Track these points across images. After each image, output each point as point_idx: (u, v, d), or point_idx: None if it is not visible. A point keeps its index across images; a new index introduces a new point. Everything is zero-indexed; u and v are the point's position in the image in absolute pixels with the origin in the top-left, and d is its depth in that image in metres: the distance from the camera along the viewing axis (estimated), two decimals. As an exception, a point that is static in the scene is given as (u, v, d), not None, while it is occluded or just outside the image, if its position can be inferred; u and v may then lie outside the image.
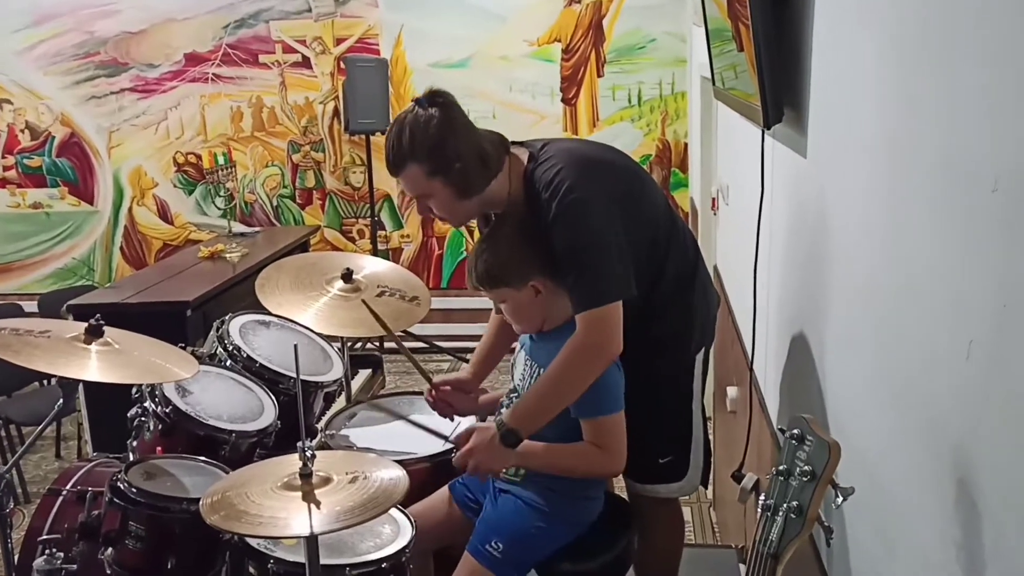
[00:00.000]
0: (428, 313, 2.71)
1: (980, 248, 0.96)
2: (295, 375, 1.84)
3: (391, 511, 2.03)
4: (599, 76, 5.84)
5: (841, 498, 1.14)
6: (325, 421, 2.59)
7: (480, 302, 2.36)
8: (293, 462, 1.73)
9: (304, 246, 5.29)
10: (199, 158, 6.18)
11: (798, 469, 1.16)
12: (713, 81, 2.81)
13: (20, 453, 2.30)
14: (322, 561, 1.72)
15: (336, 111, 6.08)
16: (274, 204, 6.29)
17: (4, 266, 6.48)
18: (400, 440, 2.43)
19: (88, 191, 6.36)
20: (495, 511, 2.15)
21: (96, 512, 2.11)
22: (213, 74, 6.11)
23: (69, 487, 2.28)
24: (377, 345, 5.82)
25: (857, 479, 1.35)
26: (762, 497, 1.21)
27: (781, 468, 1.19)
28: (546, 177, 2.01)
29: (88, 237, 6.43)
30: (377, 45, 5.96)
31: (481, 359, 2.45)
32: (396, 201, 6.17)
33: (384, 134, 5.63)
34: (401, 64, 5.95)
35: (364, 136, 5.81)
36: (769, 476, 1.21)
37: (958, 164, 1.02)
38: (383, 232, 6.19)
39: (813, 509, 1.14)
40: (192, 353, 2.42)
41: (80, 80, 6.20)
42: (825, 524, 1.18)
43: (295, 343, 1.94)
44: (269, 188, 6.27)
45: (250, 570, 1.96)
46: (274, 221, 6.28)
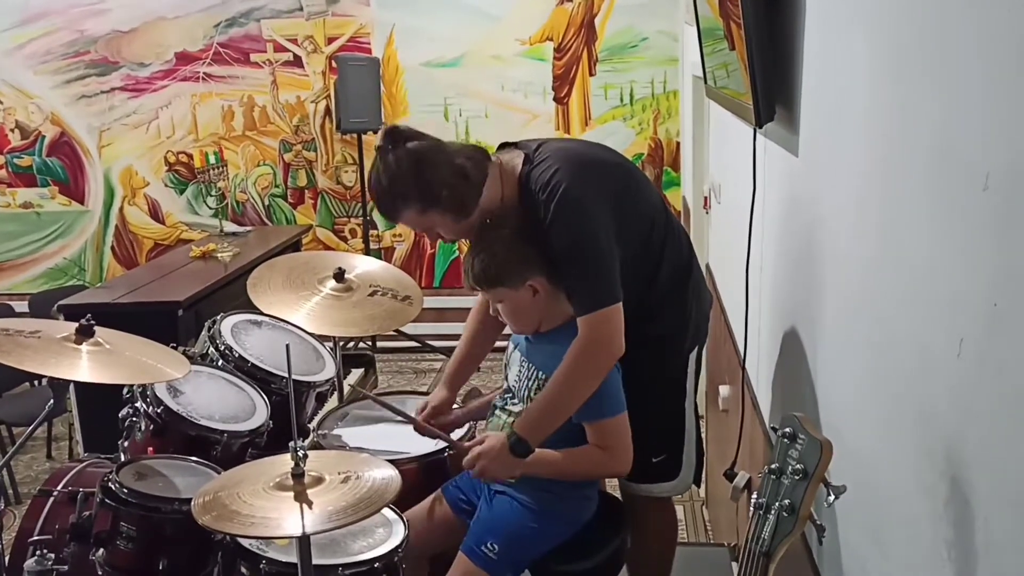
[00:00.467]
0: (421, 312, 2.70)
1: (971, 246, 0.96)
2: (287, 375, 1.83)
3: (384, 511, 2.02)
4: (591, 75, 5.84)
5: (833, 496, 1.14)
6: (317, 421, 2.58)
7: (473, 301, 2.35)
8: (285, 462, 1.73)
9: (296, 245, 5.28)
10: (190, 157, 6.16)
11: (790, 468, 1.16)
12: (705, 80, 2.82)
13: (11, 454, 2.29)
14: (314, 561, 1.72)
15: (328, 110, 6.07)
16: (266, 203, 6.27)
17: (-5, 266, 6.46)
18: (392, 440, 2.43)
19: (79, 191, 6.34)
20: (490, 512, 2.15)
21: (87, 513, 2.10)
22: (204, 73, 6.09)
23: (60, 488, 2.27)
24: (369, 344, 5.82)
25: (850, 477, 1.36)
26: (754, 496, 1.21)
27: (773, 467, 1.19)
28: (543, 178, 2.00)
29: (79, 237, 6.40)
30: (369, 44, 5.95)
31: (454, 372, 2.43)
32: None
33: (376, 133, 5.66)
34: (393, 63, 5.94)
35: (356, 135, 5.80)
36: (761, 475, 1.21)
37: (950, 163, 1.02)
38: (375, 231, 6.18)
39: (805, 507, 1.14)
40: (184, 353, 2.41)
41: (70, 79, 6.18)
42: (817, 523, 1.18)
43: (287, 343, 1.93)
44: (261, 187, 6.25)
45: (242, 570, 1.96)
46: (266, 220, 6.27)
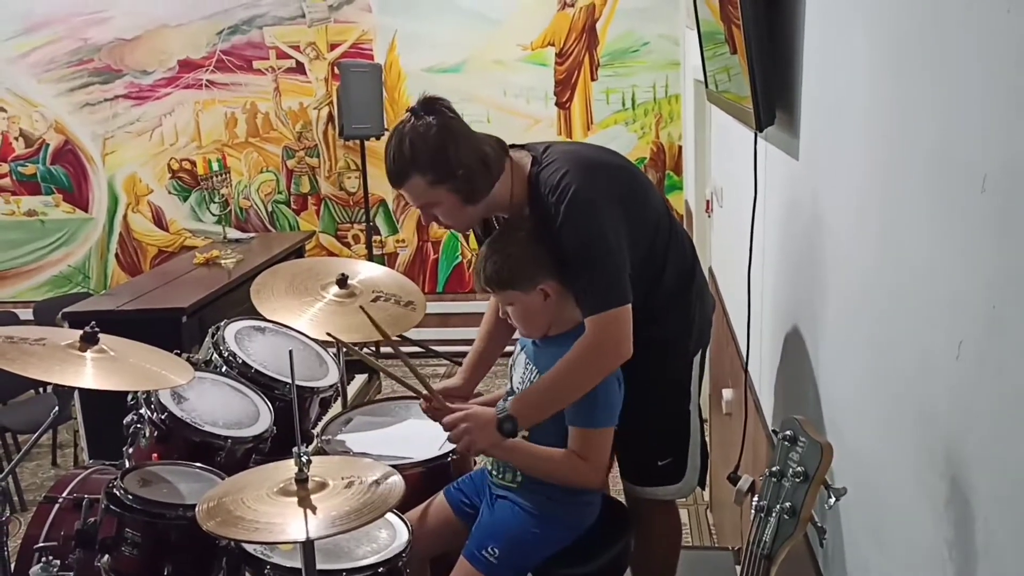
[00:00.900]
0: (424, 317, 2.71)
1: (970, 248, 0.96)
2: (290, 381, 1.84)
3: (387, 516, 2.03)
4: (593, 80, 5.85)
5: (834, 499, 1.15)
6: (321, 426, 2.59)
7: (476, 306, 2.36)
8: (289, 467, 1.73)
9: (299, 252, 5.29)
10: (194, 164, 6.17)
11: (791, 470, 1.17)
12: (706, 84, 2.82)
13: (16, 461, 2.30)
14: (318, 566, 1.73)
15: (330, 116, 6.08)
16: (269, 210, 6.28)
17: (-1, 274, 6.48)
18: (396, 445, 2.44)
19: (83, 198, 6.35)
20: (491, 516, 2.16)
21: (92, 519, 2.11)
22: (207, 80, 6.11)
23: (65, 495, 2.28)
24: (373, 350, 5.82)
25: (851, 478, 1.36)
26: (755, 498, 1.21)
27: (774, 469, 1.19)
28: (552, 180, 2.00)
29: (83, 244, 6.41)
30: (371, 50, 5.97)
31: (472, 366, 2.44)
32: (391, 206, 6.17)
33: (379, 139, 5.68)
34: (395, 69, 5.96)
35: (359, 141, 5.81)
36: (762, 477, 1.21)
37: (949, 165, 1.02)
38: (378, 237, 6.19)
39: (806, 510, 1.14)
40: (188, 360, 2.42)
41: (74, 87, 6.20)
42: (818, 525, 1.18)
43: (290, 349, 1.94)
44: (264, 194, 6.27)
45: (246, 576, 1.97)
46: (269, 227, 6.28)
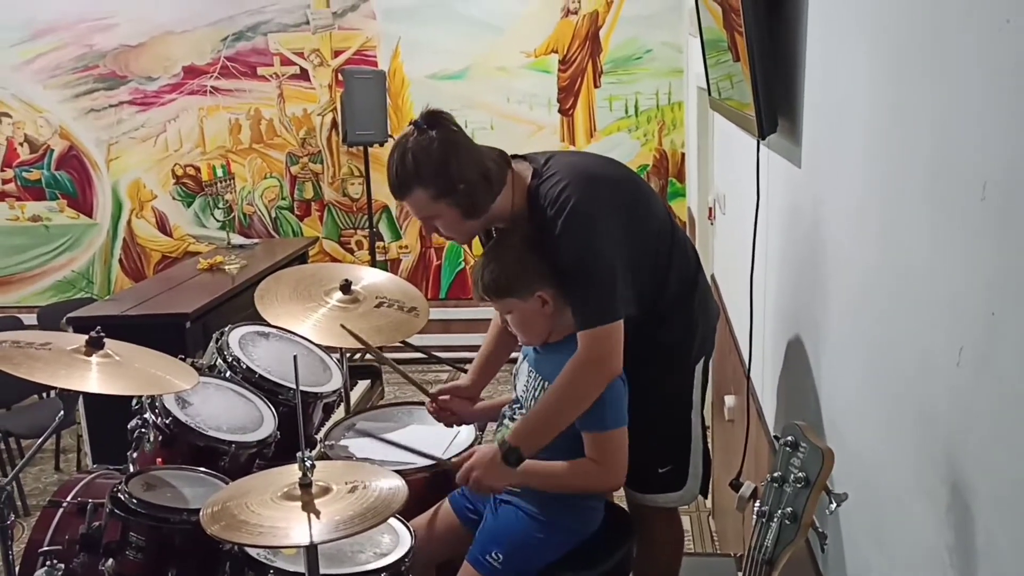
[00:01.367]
0: (427, 324, 2.72)
1: (970, 255, 0.97)
2: (294, 386, 1.85)
3: (390, 521, 2.04)
4: (596, 87, 5.87)
5: (835, 504, 1.15)
6: (324, 431, 2.59)
7: (478, 312, 2.37)
8: (293, 472, 1.74)
9: (303, 257, 5.30)
10: (198, 170, 6.19)
11: (792, 476, 1.17)
12: (709, 91, 2.83)
13: (20, 466, 2.30)
14: (322, 571, 1.73)
15: (334, 123, 6.10)
16: (273, 216, 6.30)
17: (3, 279, 6.48)
18: (399, 450, 2.44)
19: (87, 204, 6.38)
20: (495, 521, 2.16)
21: (97, 523, 2.11)
22: (211, 87, 6.13)
23: (69, 499, 2.28)
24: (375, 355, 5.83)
25: (853, 483, 1.36)
26: (756, 504, 1.22)
27: (775, 475, 1.20)
28: (551, 193, 2.01)
29: (87, 250, 6.44)
30: (375, 57, 5.99)
31: (480, 367, 2.45)
32: (394, 212, 6.19)
33: (382, 145, 5.70)
34: (399, 76, 5.98)
35: (362, 147, 5.83)
36: (764, 483, 1.22)
37: (949, 172, 1.03)
38: (381, 243, 6.21)
39: (807, 515, 1.15)
40: (192, 365, 2.43)
41: (79, 93, 6.23)
42: (819, 530, 1.19)
43: (294, 354, 1.95)
44: (268, 200, 6.28)
45: (250, 580, 1.97)
46: (273, 233, 6.30)
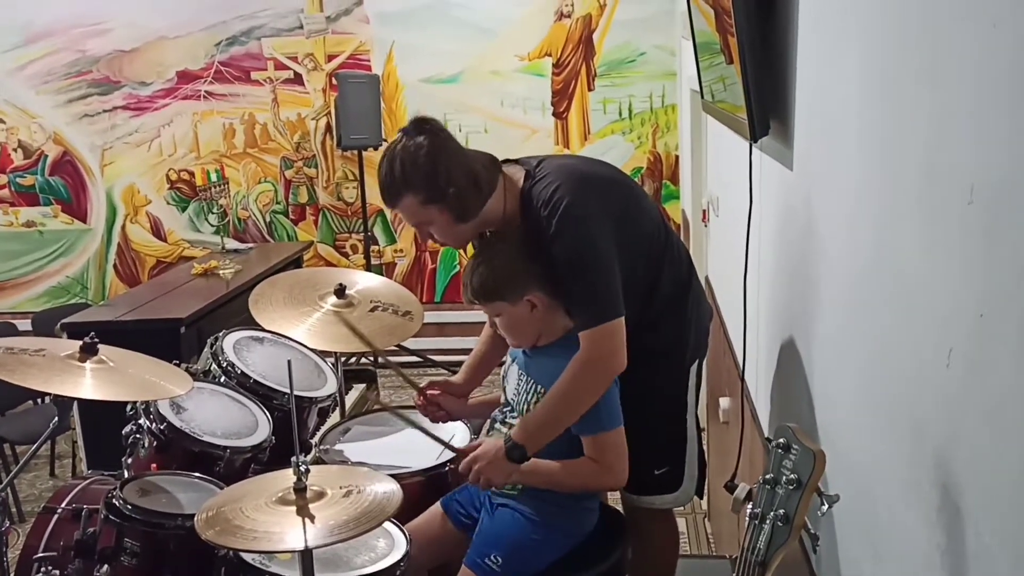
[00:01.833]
0: (422, 327, 2.72)
1: (959, 258, 0.98)
2: (289, 391, 1.85)
3: (385, 525, 2.04)
4: (590, 90, 5.87)
5: (826, 505, 1.16)
6: (319, 436, 2.59)
7: (473, 316, 2.37)
8: (287, 477, 1.74)
9: (297, 262, 5.30)
10: (192, 175, 6.19)
11: (784, 477, 1.18)
12: (702, 94, 2.84)
13: (15, 472, 2.30)
14: (317, 575, 1.73)
15: (328, 127, 6.10)
16: (267, 220, 6.30)
17: (-2, 284, 6.48)
18: (394, 454, 2.44)
19: (81, 209, 6.37)
20: (492, 524, 2.16)
21: (92, 529, 2.11)
22: (205, 91, 6.13)
23: (64, 505, 2.28)
24: (371, 360, 5.83)
25: (846, 486, 1.37)
26: (749, 505, 1.22)
27: (768, 477, 1.20)
28: (544, 195, 2.02)
29: (81, 255, 6.42)
30: (369, 61, 5.99)
31: (473, 367, 2.45)
32: (389, 216, 6.19)
33: (376, 149, 5.70)
34: (393, 80, 5.98)
35: (356, 152, 5.83)
36: (756, 485, 1.23)
37: (939, 175, 1.04)
38: (376, 247, 6.21)
39: (799, 517, 1.15)
40: (186, 370, 2.43)
41: (73, 98, 6.22)
42: (811, 532, 1.19)
43: (289, 359, 1.95)
44: (262, 204, 6.28)
45: (245, 585, 1.97)
46: (267, 237, 6.29)
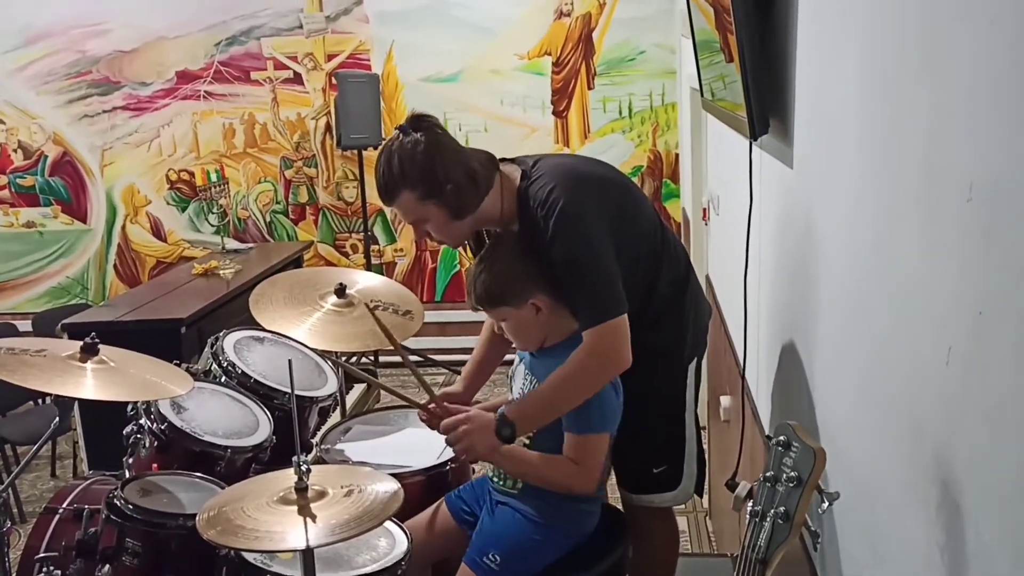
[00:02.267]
0: (423, 326, 2.72)
1: (958, 256, 0.98)
2: (290, 390, 1.85)
3: (387, 524, 2.04)
4: (590, 88, 5.87)
5: (827, 503, 1.16)
6: (320, 436, 2.60)
7: (474, 315, 2.37)
8: (289, 476, 1.74)
9: (298, 261, 5.30)
10: (192, 175, 6.19)
11: (784, 475, 1.18)
12: (702, 93, 2.84)
13: (16, 472, 2.31)
14: (318, 575, 1.73)
15: (328, 126, 6.10)
16: (267, 220, 6.30)
17: (-2, 285, 6.49)
18: (395, 454, 2.44)
19: (81, 209, 6.37)
20: (492, 523, 2.17)
21: (93, 529, 2.12)
22: (205, 91, 6.13)
23: (65, 505, 2.28)
24: (372, 359, 5.83)
25: (847, 483, 1.37)
26: (749, 503, 1.22)
27: (768, 474, 1.21)
28: (540, 195, 2.02)
29: (82, 255, 6.43)
30: (368, 60, 5.99)
31: (472, 373, 2.46)
32: (389, 216, 6.19)
33: (376, 149, 5.69)
34: (392, 79, 5.98)
35: (356, 151, 5.83)
36: (757, 483, 1.23)
37: (938, 174, 1.04)
38: (376, 246, 6.21)
39: (800, 514, 1.16)
40: (187, 370, 2.43)
41: (72, 99, 6.22)
42: (812, 529, 1.19)
43: (289, 358, 1.95)
44: (262, 204, 6.28)
45: (247, 585, 1.97)
46: (267, 237, 6.29)
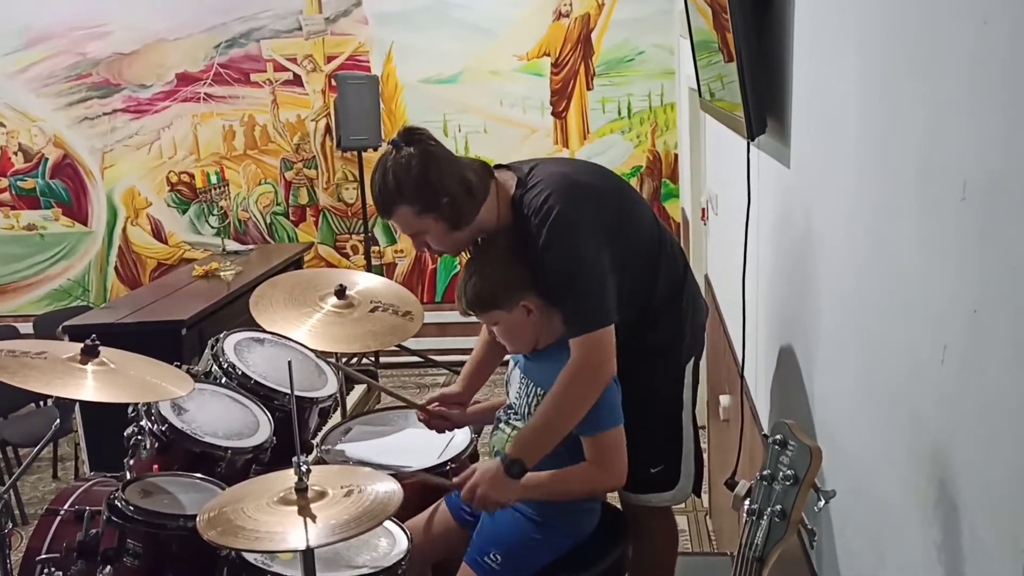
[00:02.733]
0: (423, 327, 2.73)
1: (953, 254, 0.98)
2: (290, 391, 1.85)
3: (387, 524, 2.05)
4: (589, 89, 5.88)
5: (823, 501, 1.17)
6: (320, 436, 2.60)
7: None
8: (289, 477, 1.75)
9: (298, 263, 5.31)
10: (192, 177, 6.20)
11: (781, 473, 1.18)
12: (700, 93, 2.84)
13: (18, 474, 2.31)
14: (318, 575, 1.74)
15: (328, 128, 6.11)
16: (267, 221, 6.31)
17: (-1, 288, 6.50)
18: (395, 454, 2.45)
19: (82, 212, 6.37)
20: (492, 523, 2.17)
21: (94, 531, 2.12)
22: (205, 93, 6.13)
23: (67, 507, 2.29)
24: (372, 360, 5.84)
25: (845, 483, 1.38)
26: (746, 502, 1.23)
27: (765, 473, 1.21)
28: (535, 203, 2.02)
29: (82, 258, 6.43)
30: (368, 62, 6.00)
31: (471, 374, 2.47)
32: (389, 217, 6.19)
33: (376, 150, 5.71)
34: (392, 80, 5.99)
35: (356, 152, 5.83)
36: (753, 481, 1.23)
37: (934, 172, 1.05)
38: (376, 248, 6.21)
39: (796, 512, 1.16)
40: (187, 371, 2.43)
41: (73, 101, 6.22)
42: (808, 527, 1.20)
43: (289, 360, 1.95)
44: (262, 206, 6.29)
45: (247, 586, 1.98)
46: (268, 238, 6.30)
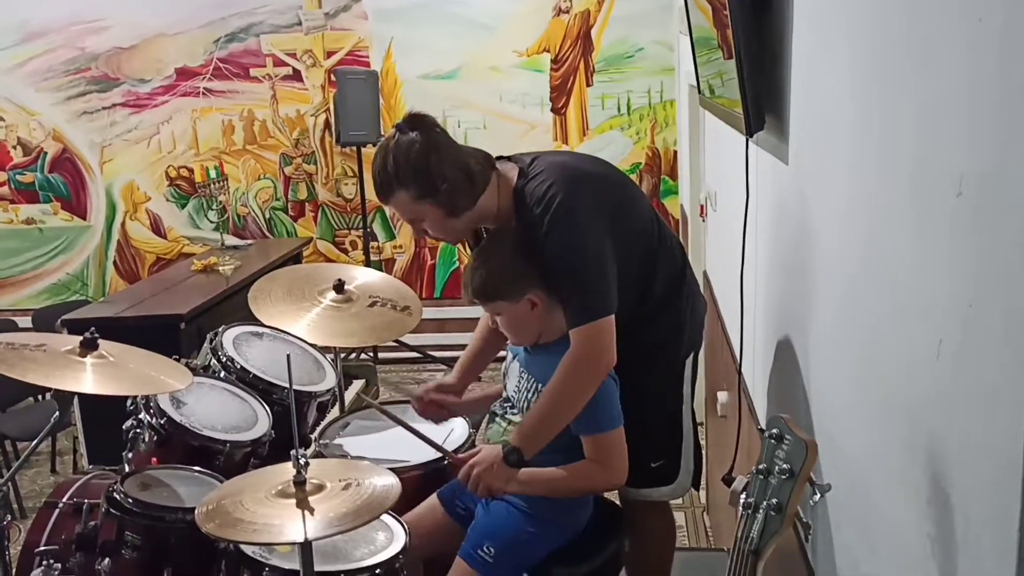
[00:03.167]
0: (421, 323, 2.73)
1: (948, 249, 0.99)
2: (288, 385, 1.86)
3: (385, 518, 2.05)
4: (588, 85, 5.88)
5: (818, 495, 1.17)
6: (319, 430, 2.61)
7: (473, 311, 2.38)
8: (287, 470, 1.75)
9: (297, 258, 5.31)
10: (191, 172, 6.20)
11: (777, 467, 1.19)
12: (699, 90, 2.84)
13: (16, 467, 2.31)
14: (316, 568, 1.74)
15: (327, 123, 6.11)
16: (267, 216, 6.31)
17: (-2, 282, 6.50)
18: (393, 448, 2.46)
19: (81, 206, 6.38)
20: (486, 516, 2.18)
21: (93, 523, 2.13)
22: (204, 88, 6.13)
23: (65, 499, 2.29)
24: (370, 355, 5.84)
25: (840, 477, 1.38)
26: (743, 495, 1.24)
27: (761, 467, 1.22)
28: (537, 192, 2.03)
29: (81, 252, 6.44)
30: (367, 57, 6.00)
31: (466, 365, 2.47)
32: (388, 212, 6.20)
33: (375, 146, 5.70)
34: (391, 76, 5.99)
35: (355, 148, 5.84)
36: (749, 475, 1.24)
37: (929, 168, 1.05)
38: (376, 243, 6.22)
39: (791, 506, 1.17)
40: (186, 365, 2.44)
41: (72, 96, 6.22)
42: (804, 520, 1.21)
43: (288, 354, 1.96)
44: (261, 201, 6.29)
45: (245, 578, 1.98)
46: (267, 233, 6.30)
